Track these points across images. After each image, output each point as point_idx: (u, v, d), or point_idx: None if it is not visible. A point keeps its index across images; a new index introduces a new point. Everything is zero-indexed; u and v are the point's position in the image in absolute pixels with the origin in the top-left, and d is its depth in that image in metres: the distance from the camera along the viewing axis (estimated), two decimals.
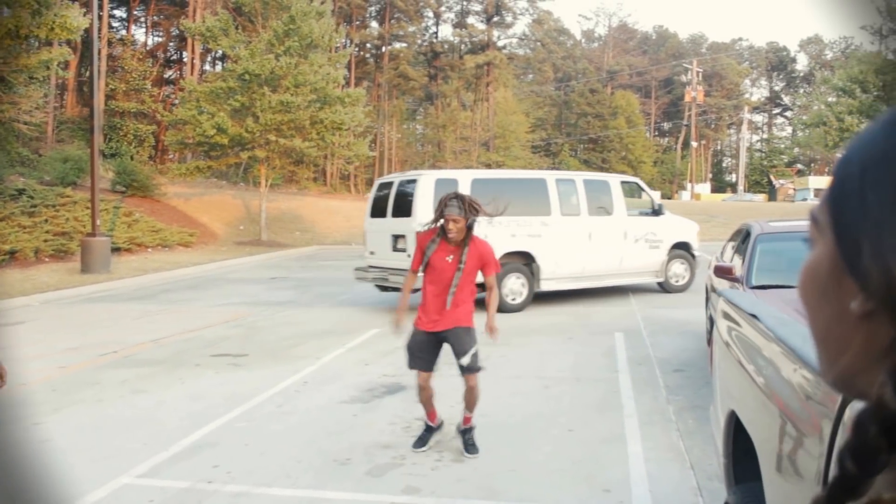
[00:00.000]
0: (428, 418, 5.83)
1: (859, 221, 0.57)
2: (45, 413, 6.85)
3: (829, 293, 0.60)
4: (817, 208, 0.63)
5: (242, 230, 31.14)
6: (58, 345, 10.24)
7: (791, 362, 2.41)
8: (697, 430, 5.95)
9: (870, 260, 0.55)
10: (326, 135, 29.52)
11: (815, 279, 0.62)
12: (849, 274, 0.58)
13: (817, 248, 0.62)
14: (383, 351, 9.35)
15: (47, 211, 21.82)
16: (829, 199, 0.61)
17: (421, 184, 11.89)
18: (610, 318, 11.59)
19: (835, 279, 0.59)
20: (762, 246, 7.40)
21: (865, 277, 0.56)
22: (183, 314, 13.02)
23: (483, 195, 7.04)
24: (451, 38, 64.77)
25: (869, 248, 0.55)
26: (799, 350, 2.31)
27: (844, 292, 0.58)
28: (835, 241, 0.59)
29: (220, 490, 4.95)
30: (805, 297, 0.64)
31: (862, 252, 0.56)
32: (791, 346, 2.41)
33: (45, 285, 16.41)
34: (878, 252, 0.55)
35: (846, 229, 0.58)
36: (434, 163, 54.66)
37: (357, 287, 16.09)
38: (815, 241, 0.63)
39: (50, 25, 14.33)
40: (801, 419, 2.23)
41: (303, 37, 28.69)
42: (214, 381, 8.03)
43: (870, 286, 0.55)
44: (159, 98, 45.97)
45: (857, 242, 0.57)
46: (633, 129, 77.65)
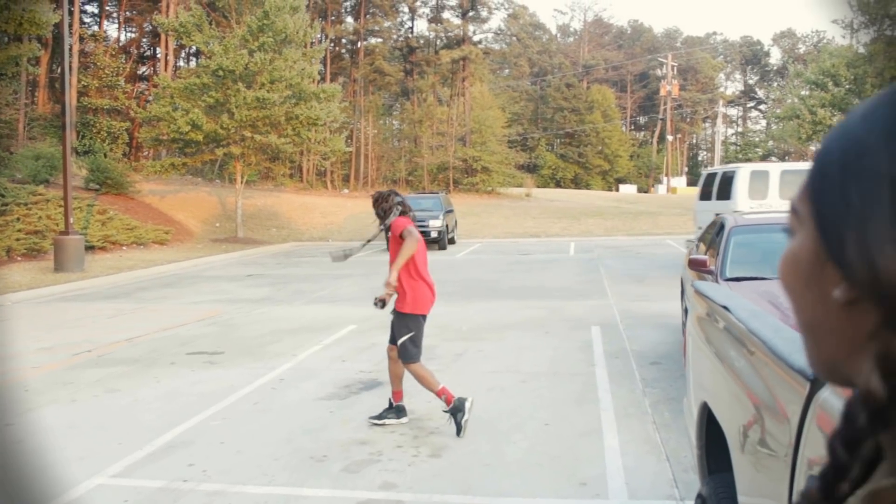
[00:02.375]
0: None
1: (841, 214, 0.57)
2: (16, 414, 6.78)
3: (811, 281, 0.61)
4: (797, 199, 0.63)
5: (218, 227, 30.96)
6: (30, 345, 10.12)
7: (760, 353, 2.43)
8: (673, 422, 5.98)
9: (853, 252, 0.55)
10: (302, 131, 29.38)
11: (797, 268, 0.62)
12: (831, 263, 0.58)
13: (798, 237, 0.62)
14: (360, 347, 9.33)
15: (19, 209, 21.57)
16: (810, 191, 0.61)
17: (739, 174, 14.17)
18: (586, 312, 11.62)
19: (817, 268, 0.60)
20: (736, 238, 7.46)
21: (849, 268, 0.56)
22: (158, 312, 12.91)
23: (791, 186, 7.67)
24: (426, 33, 64.64)
25: (852, 240, 0.56)
26: (769, 341, 2.33)
27: (827, 280, 0.58)
28: (817, 232, 0.59)
29: (196, 489, 4.92)
30: (788, 285, 0.64)
31: (845, 243, 0.56)
32: (761, 337, 2.43)
33: (18, 284, 16.22)
34: (862, 244, 0.55)
35: (828, 221, 0.58)
36: (410, 158, 54.60)
37: (333, 284, 16.06)
38: (795, 230, 0.63)
39: (18, 20, 14.14)
40: (769, 409, 2.24)
41: (277, 32, 28.51)
42: (190, 379, 7.97)
43: (854, 276, 0.56)
44: (133, 94, 45.55)
45: (839, 234, 0.57)
46: (609, 123, 77.98)
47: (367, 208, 33.25)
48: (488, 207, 41.01)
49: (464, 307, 12.38)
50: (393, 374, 6.27)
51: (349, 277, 17.26)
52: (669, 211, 38.54)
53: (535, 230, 32.07)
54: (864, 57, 32.19)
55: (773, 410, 2.22)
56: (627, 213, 37.82)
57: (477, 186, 50.00)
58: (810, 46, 79.57)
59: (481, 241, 28.88)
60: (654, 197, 56.87)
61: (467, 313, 11.76)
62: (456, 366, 8.25)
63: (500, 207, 41.22)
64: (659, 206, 42.74)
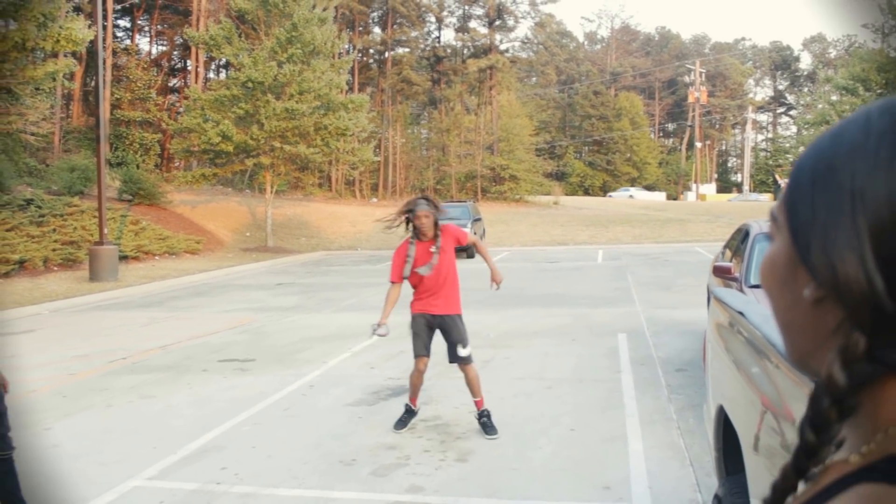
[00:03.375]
0: (410, 402, 6.31)
1: (809, 222, 0.67)
2: (55, 419, 6.97)
3: (786, 283, 0.71)
4: (776, 208, 0.74)
5: (248, 237, 31.29)
6: (67, 352, 10.37)
7: (772, 357, 2.51)
8: (698, 428, 6.03)
9: (818, 256, 0.66)
10: (331, 141, 29.66)
11: (774, 270, 0.72)
12: (802, 266, 0.68)
13: (776, 242, 0.73)
14: (388, 355, 9.46)
15: (55, 220, 21.99)
16: (785, 201, 0.72)
17: None
18: (613, 319, 11.67)
19: (791, 270, 0.70)
20: (761, 245, 7.49)
21: (815, 270, 0.66)
22: (190, 321, 13.14)
23: None
24: (453, 42, 64.99)
25: (817, 245, 0.66)
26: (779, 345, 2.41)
27: (799, 282, 0.69)
28: (790, 238, 0.70)
29: (229, 491, 5.06)
30: (766, 286, 0.75)
31: (811, 248, 0.67)
32: (772, 341, 2.51)
33: (54, 294, 16.56)
34: (824, 249, 0.65)
35: (799, 228, 0.69)
36: (438, 167, 54.75)
37: (362, 292, 16.21)
38: (774, 236, 0.74)
39: (55, 37, 14.50)
40: (779, 411, 2.33)
41: (305, 44, 28.85)
42: (222, 385, 8.14)
43: (819, 278, 0.66)
44: (164, 106, 46.14)
45: (807, 240, 0.67)
46: (638, 130, 77.70)
47: None
48: (516, 215, 41.05)
49: (491, 315, 12.47)
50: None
51: (378, 286, 17.38)
52: (698, 218, 38.34)
53: (562, 238, 32.08)
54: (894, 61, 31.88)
55: (782, 413, 2.30)
56: (656, 220, 37.68)
57: (505, 195, 50.04)
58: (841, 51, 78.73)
59: (509, 249, 28.94)
60: (682, 204, 56.57)
61: (494, 320, 11.86)
62: (483, 373, 8.30)
63: (528, 215, 41.25)
64: (688, 213, 42.52)
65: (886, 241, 0.60)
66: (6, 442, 4.38)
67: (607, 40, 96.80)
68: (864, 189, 0.62)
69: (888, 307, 0.60)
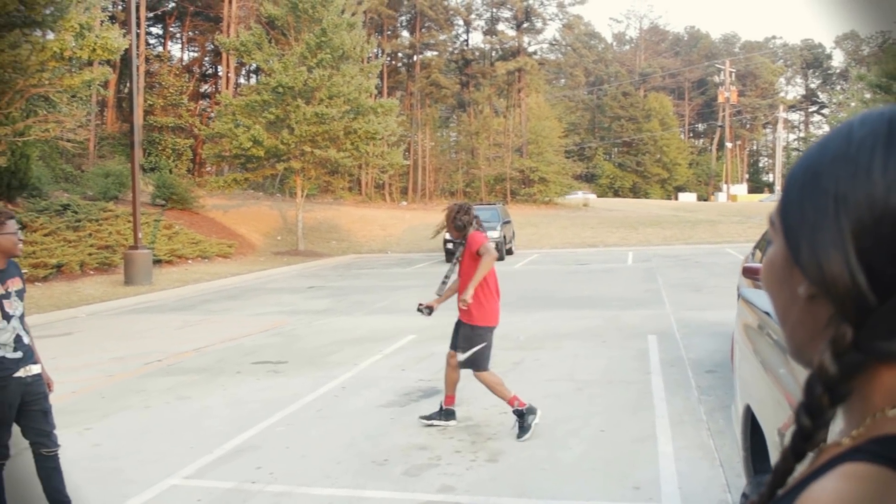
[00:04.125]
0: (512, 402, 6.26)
1: (799, 225, 0.75)
2: (94, 419, 7.13)
3: (783, 281, 0.78)
4: (773, 213, 0.81)
5: (280, 240, 31.56)
6: (104, 354, 10.58)
7: None
8: (728, 429, 6.03)
9: (807, 256, 0.73)
10: (360, 145, 29.86)
11: (773, 271, 0.80)
12: (796, 265, 0.75)
13: (774, 245, 0.80)
14: (419, 357, 9.55)
15: (91, 225, 22.36)
16: (780, 206, 0.79)
17: None
18: (643, 321, 11.67)
19: (787, 270, 0.77)
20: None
21: (805, 269, 0.73)
22: (223, 323, 13.32)
23: None
24: (481, 45, 64.98)
25: (805, 245, 0.73)
26: None
27: (794, 280, 0.76)
28: (784, 240, 0.77)
29: (264, 490, 5.17)
30: (767, 286, 0.82)
31: (801, 249, 0.74)
32: None
33: (91, 297, 16.86)
34: (812, 249, 0.72)
35: (791, 230, 0.76)
36: (467, 169, 54.82)
37: (393, 295, 16.32)
38: (772, 239, 0.81)
39: (92, 47, 14.79)
40: None
41: (335, 49, 29.07)
42: (255, 387, 8.27)
43: (809, 276, 0.73)
44: (196, 112, 46.70)
45: (798, 241, 0.74)
46: (667, 131, 77.28)
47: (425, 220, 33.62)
48: (546, 218, 41.02)
49: (521, 317, 12.52)
50: (449, 381, 6.49)
51: (408, 289, 17.51)
52: (729, 219, 38.06)
53: (592, 240, 32.02)
54: None
55: None
56: (686, 221, 37.47)
57: (534, 197, 50.01)
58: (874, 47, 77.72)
59: (539, 251, 28.95)
60: (713, 205, 56.16)
61: (525, 323, 11.90)
62: (513, 374, 8.40)
63: (558, 218, 41.21)
64: (718, 214, 42.23)
65: (867, 241, 0.68)
66: (51, 440, 4.52)
67: (636, 41, 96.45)
68: (847, 193, 0.69)
69: (871, 301, 0.67)
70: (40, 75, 15.11)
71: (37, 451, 4.50)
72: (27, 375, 4.40)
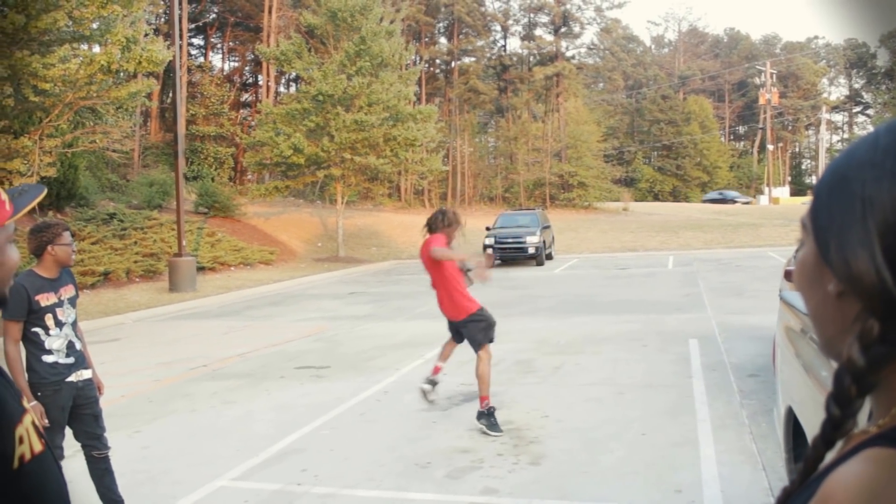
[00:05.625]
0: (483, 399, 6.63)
1: (828, 226, 0.81)
2: (143, 423, 7.31)
3: (814, 280, 0.84)
4: (805, 216, 0.87)
5: (320, 247, 31.83)
6: (151, 359, 10.80)
7: None
8: (771, 433, 6.00)
9: (836, 255, 0.79)
10: (400, 151, 30.03)
11: (804, 270, 0.86)
12: (825, 265, 0.81)
13: (805, 246, 0.86)
14: (461, 361, 9.58)
15: (136, 233, 22.78)
16: (811, 210, 0.85)
17: None
18: (684, 325, 11.61)
19: (818, 269, 0.83)
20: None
21: (834, 268, 0.79)
22: (266, 329, 13.51)
23: None
24: (519, 50, 65.07)
25: (834, 245, 0.79)
26: None
27: (824, 279, 0.82)
28: (814, 241, 0.83)
29: (310, 492, 5.27)
30: (799, 285, 0.88)
31: (830, 249, 0.80)
32: None
33: (137, 304, 17.19)
34: (840, 248, 0.78)
35: (821, 231, 0.82)
36: (506, 175, 54.81)
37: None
38: (804, 240, 0.87)
39: (138, 59, 15.13)
40: None
41: (374, 56, 29.30)
42: (299, 391, 8.40)
43: (838, 274, 0.79)
44: (237, 121, 47.30)
45: (827, 242, 0.80)
46: (708, 134, 76.52)
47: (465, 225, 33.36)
48: (585, 222, 40.88)
49: (561, 321, 12.54)
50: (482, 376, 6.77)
51: None
52: (771, 222, 37.61)
53: (632, 244, 31.84)
54: None
55: None
56: (727, 225, 37.10)
57: (573, 202, 49.85)
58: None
59: (578, 256, 28.87)
60: (754, 208, 55.49)
61: (565, 327, 11.92)
62: (554, 378, 8.44)
63: (597, 222, 41.04)
64: (760, 217, 41.75)
65: (892, 240, 0.73)
66: (102, 442, 4.67)
67: (675, 43, 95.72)
68: (873, 196, 0.75)
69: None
70: (88, 88, 15.49)
71: (88, 453, 4.65)
72: (79, 380, 4.55)
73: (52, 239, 4.36)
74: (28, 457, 1.30)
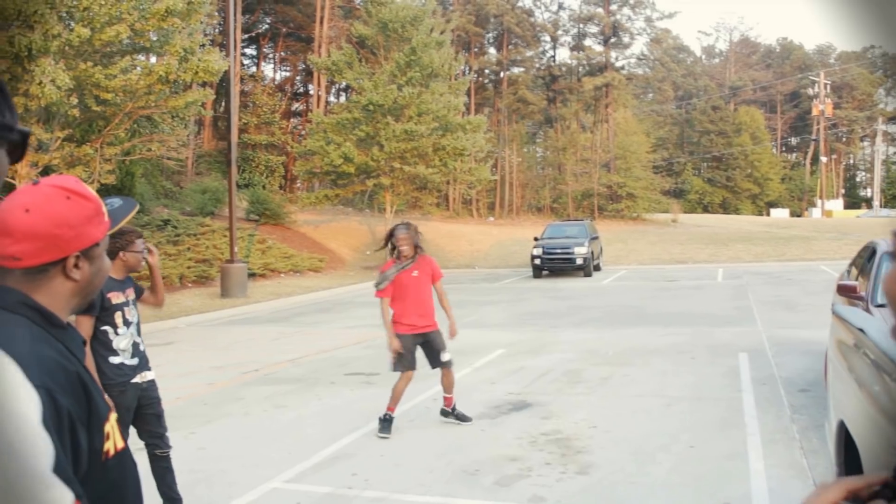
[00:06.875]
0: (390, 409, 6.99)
1: None
2: (198, 424, 7.49)
3: None
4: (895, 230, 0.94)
5: (369, 255, 32.08)
6: (204, 363, 11.04)
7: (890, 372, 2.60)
8: (822, 448, 5.96)
9: None
10: (449, 161, 30.20)
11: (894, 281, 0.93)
12: None
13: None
14: (509, 370, 9.67)
15: (189, 239, 23.24)
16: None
17: None
18: (734, 338, 11.53)
19: None
20: (888, 264, 7.32)
21: None
22: (316, 336, 13.70)
23: None
24: (568, 61, 64.91)
25: None
26: None
27: None
28: None
29: (360, 495, 5.37)
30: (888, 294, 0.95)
31: None
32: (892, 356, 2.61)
33: (190, 309, 17.53)
34: None
35: None
36: (555, 185, 54.68)
37: (481, 310, 16.47)
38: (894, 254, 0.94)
39: (195, 70, 15.51)
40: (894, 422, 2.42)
41: (424, 67, 29.54)
42: (349, 397, 8.53)
43: None
44: (288, 130, 47.93)
45: None
46: (759, 145, 75.49)
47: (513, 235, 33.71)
48: (634, 234, 40.60)
49: (610, 332, 12.53)
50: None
51: (496, 304, 17.66)
52: (823, 235, 36.97)
53: (681, 256, 31.56)
54: None
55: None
56: (778, 238, 36.58)
57: (622, 213, 49.54)
58: None
59: (627, 267, 28.71)
60: (807, 221, 54.58)
61: (613, 338, 11.90)
62: (602, 389, 8.45)
63: (646, 234, 40.73)
64: (812, 230, 41.06)
65: None
66: (164, 441, 4.84)
67: (726, 54, 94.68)
68: None
69: None
70: (147, 98, 15.92)
71: (151, 451, 4.82)
72: (143, 381, 4.73)
73: (125, 246, 4.57)
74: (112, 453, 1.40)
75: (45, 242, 1.37)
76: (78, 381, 1.32)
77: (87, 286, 1.45)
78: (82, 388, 1.32)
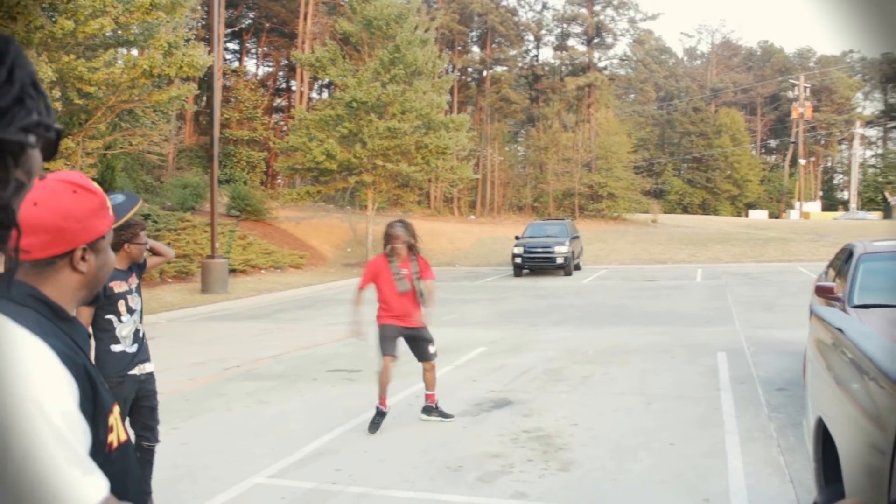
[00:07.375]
0: (380, 403, 7.07)
1: None
2: (181, 420, 7.49)
3: None
4: None
5: (350, 252, 32.08)
6: (185, 359, 11.01)
7: (868, 370, 2.67)
8: (799, 446, 6.05)
9: None
10: (431, 159, 30.22)
11: None
12: None
13: None
14: (489, 368, 9.73)
15: (170, 234, 23.11)
16: None
17: None
18: (712, 338, 11.65)
19: None
20: (865, 265, 7.44)
21: None
22: (297, 332, 13.70)
23: None
24: (551, 60, 65.03)
25: None
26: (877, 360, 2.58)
27: None
28: None
29: (344, 491, 5.41)
30: None
31: None
32: (869, 355, 2.67)
33: (170, 304, 17.46)
34: None
35: None
36: (536, 184, 54.84)
37: (461, 308, 16.52)
38: None
39: (179, 64, 15.44)
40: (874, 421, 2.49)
41: (408, 64, 29.53)
42: (331, 394, 8.57)
43: None
44: (270, 126, 47.77)
45: None
46: (739, 147, 76.07)
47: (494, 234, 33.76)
48: (614, 233, 40.81)
49: (590, 331, 12.62)
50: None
51: (477, 302, 17.72)
52: (801, 237, 37.32)
53: (661, 256, 31.77)
54: None
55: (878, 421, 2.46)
56: (757, 239, 36.89)
57: (603, 212, 49.77)
58: None
59: (607, 266, 28.87)
60: (785, 222, 55.06)
61: (593, 337, 12.00)
62: (583, 388, 8.53)
63: (626, 233, 40.95)
64: (790, 231, 41.44)
65: None
66: (154, 434, 4.88)
67: (707, 56, 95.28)
68: None
69: None
70: (131, 91, 15.84)
71: (139, 443, 4.84)
72: (141, 373, 4.79)
73: (130, 238, 4.66)
74: (115, 445, 1.43)
75: (53, 235, 1.40)
76: (84, 373, 1.35)
77: (93, 279, 1.48)
78: (88, 380, 1.35)
